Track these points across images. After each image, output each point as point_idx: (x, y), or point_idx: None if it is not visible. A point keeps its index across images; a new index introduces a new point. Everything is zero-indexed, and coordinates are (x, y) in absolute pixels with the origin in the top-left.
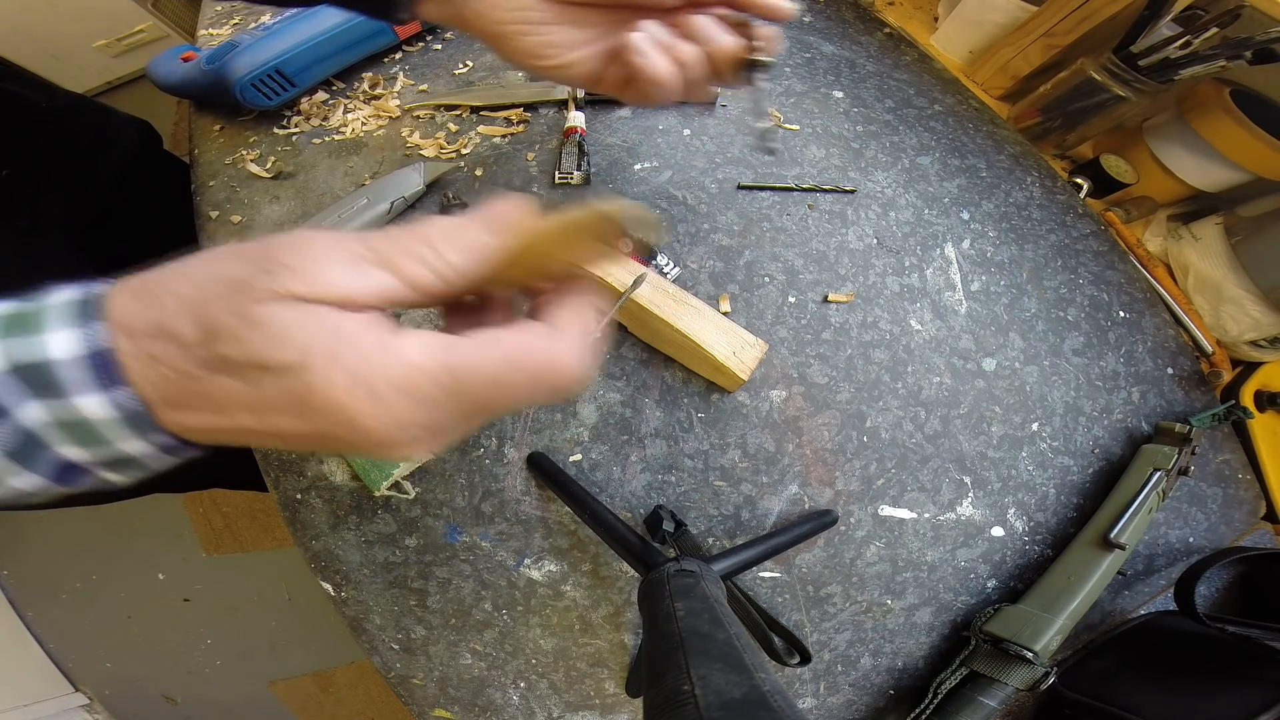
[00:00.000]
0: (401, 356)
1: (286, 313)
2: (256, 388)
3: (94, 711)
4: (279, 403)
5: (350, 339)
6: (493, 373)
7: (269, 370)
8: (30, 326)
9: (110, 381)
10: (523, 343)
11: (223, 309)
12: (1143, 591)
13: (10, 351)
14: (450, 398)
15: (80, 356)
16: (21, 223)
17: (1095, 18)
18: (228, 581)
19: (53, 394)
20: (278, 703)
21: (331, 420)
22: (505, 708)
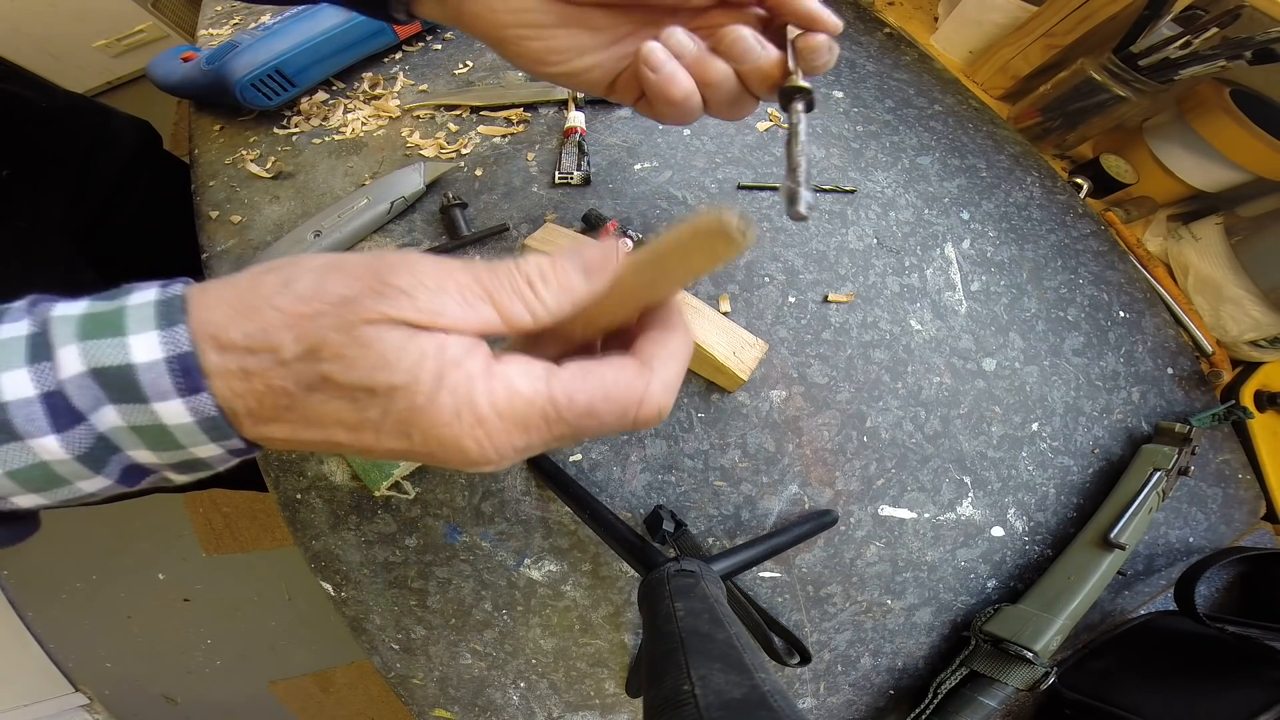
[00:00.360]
0: (508, 384)
1: (395, 335)
2: (358, 408)
3: (94, 711)
4: (380, 423)
5: (457, 364)
6: (588, 404)
7: (375, 393)
8: (111, 328)
9: (192, 388)
10: (620, 379)
11: (329, 326)
12: (1143, 591)
13: (90, 354)
14: (548, 425)
15: (162, 360)
16: (21, 223)
17: (1095, 18)
18: (228, 581)
19: (132, 398)
20: (278, 703)
21: (434, 443)
22: (505, 708)
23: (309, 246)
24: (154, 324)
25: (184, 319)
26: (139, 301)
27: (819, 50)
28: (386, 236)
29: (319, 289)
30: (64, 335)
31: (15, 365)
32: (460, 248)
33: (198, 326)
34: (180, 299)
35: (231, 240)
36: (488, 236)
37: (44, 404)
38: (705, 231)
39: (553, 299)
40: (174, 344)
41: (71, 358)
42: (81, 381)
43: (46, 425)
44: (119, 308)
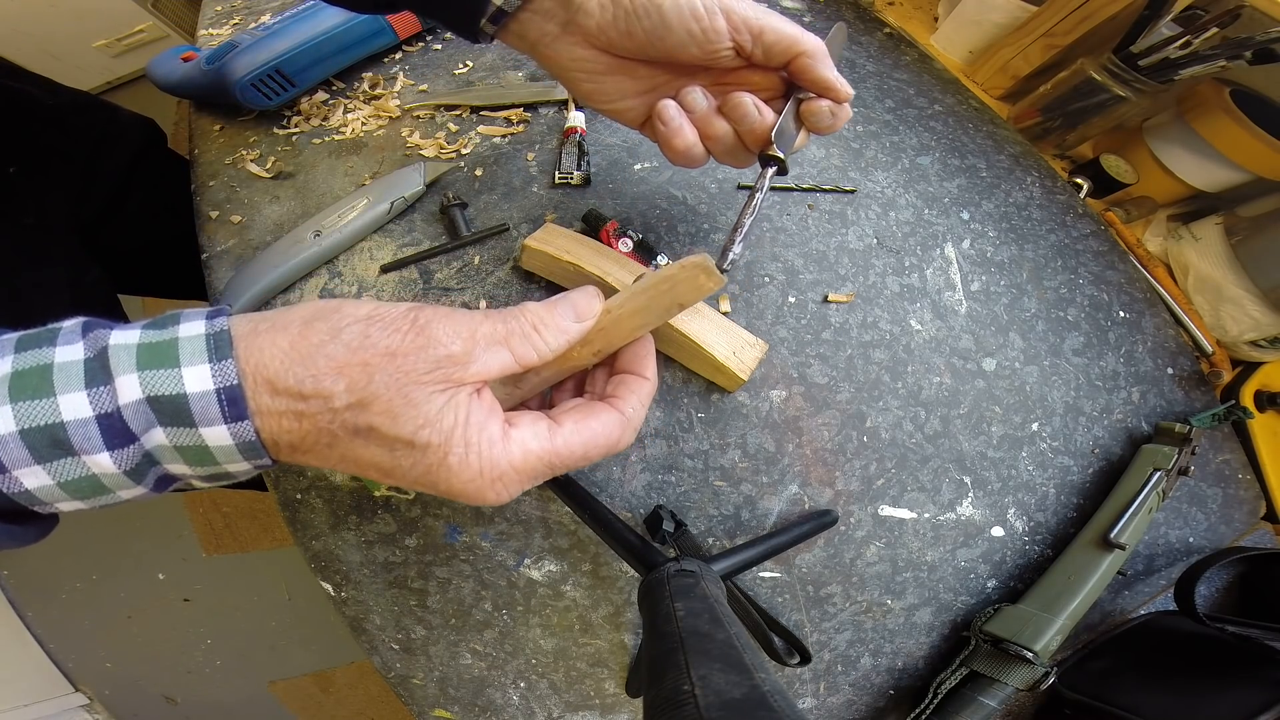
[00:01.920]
0: (523, 446)
1: (440, 398)
2: (394, 455)
3: (94, 711)
4: (411, 470)
5: (482, 429)
6: (583, 451)
7: (414, 446)
8: (166, 359)
9: (237, 416)
10: (605, 430)
11: (384, 384)
12: (1143, 591)
13: (148, 383)
14: (551, 470)
15: (213, 392)
16: (27, 219)
17: (1095, 18)
18: (228, 581)
19: (182, 423)
20: (278, 703)
21: (457, 492)
22: (505, 708)
23: (309, 247)
24: (205, 357)
25: (231, 353)
26: (189, 334)
27: (820, 115)
28: (386, 236)
29: (365, 339)
30: (123, 364)
31: (74, 388)
32: (460, 248)
33: (251, 368)
34: (227, 334)
35: (231, 240)
36: (488, 236)
37: (99, 424)
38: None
39: (553, 339)
40: (224, 377)
41: (130, 385)
42: (138, 407)
43: (100, 443)
44: (172, 339)
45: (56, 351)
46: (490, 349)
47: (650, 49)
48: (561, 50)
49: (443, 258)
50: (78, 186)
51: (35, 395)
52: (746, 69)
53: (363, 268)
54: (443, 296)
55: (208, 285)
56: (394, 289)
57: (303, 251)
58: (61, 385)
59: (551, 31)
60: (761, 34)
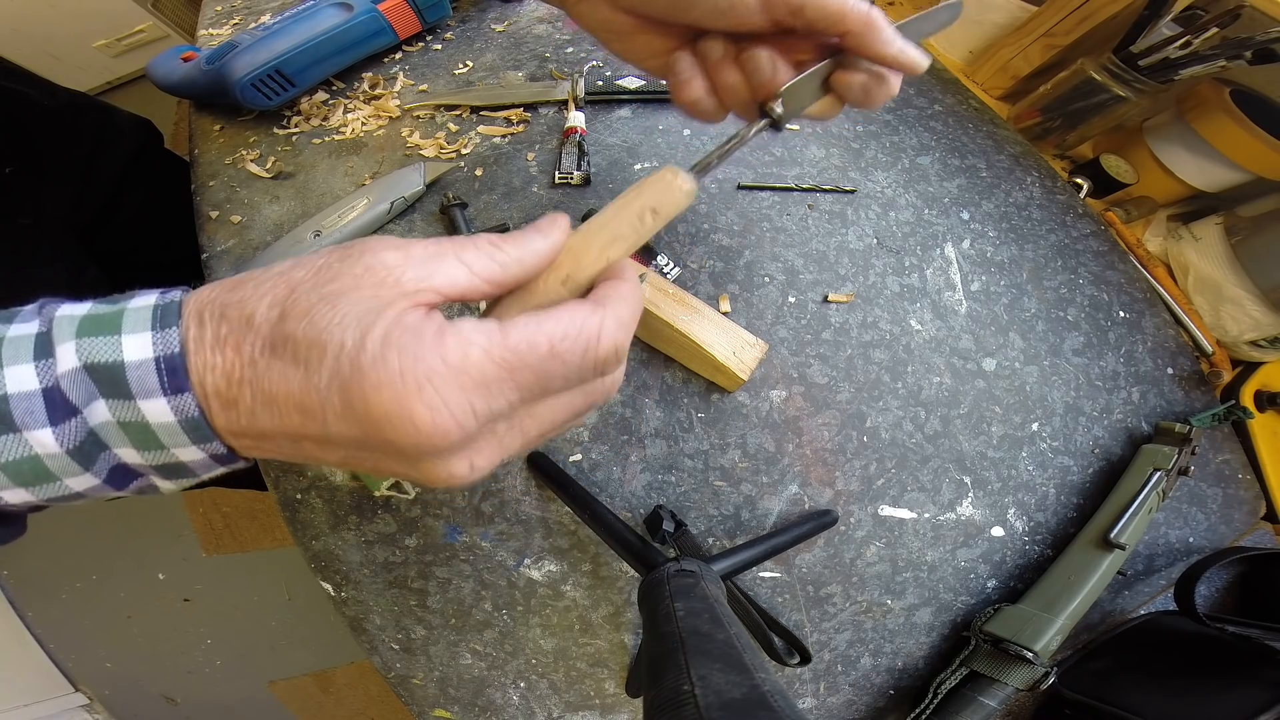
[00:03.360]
0: (460, 336)
1: (359, 295)
2: (308, 374)
3: (94, 711)
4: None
5: (409, 326)
6: (549, 346)
7: (326, 350)
8: (108, 327)
9: (176, 387)
10: (575, 317)
11: (305, 291)
12: (1143, 591)
13: (85, 350)
14: (512, 376)
15: (151, 360)
16: (24, 220)
17: (1095, 18)
18: (228, 581)
19: (120, 394)
20: (278, 703)
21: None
22: (505, 708)
23: (309, 247)
24: (149, 325)
25: (177, 322)
26: (139, 304)
27: (849, 87)
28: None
29: (298, 263)
30: (64, 333)
31: (22, 360)
32: None
33: (187, 313)
34: (177, 304)
35: (231, 240)
36: None
37: (43, 398)
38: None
39: (514, 250)
40: (166, 345)
41: (68, 354)
42: (76, 376)
43: (43, 418)
44: (120, 310)
45: (10, 328)
46: (433, 258)
47: (676, 16)
48: (589, 10)
49: None
50: (75, 187)
51: None
52: (788, 36)
53: None
54: None
55: None
56: None
57: (303, 251)
58: (9, 358)
59: None
60: (802, 9)
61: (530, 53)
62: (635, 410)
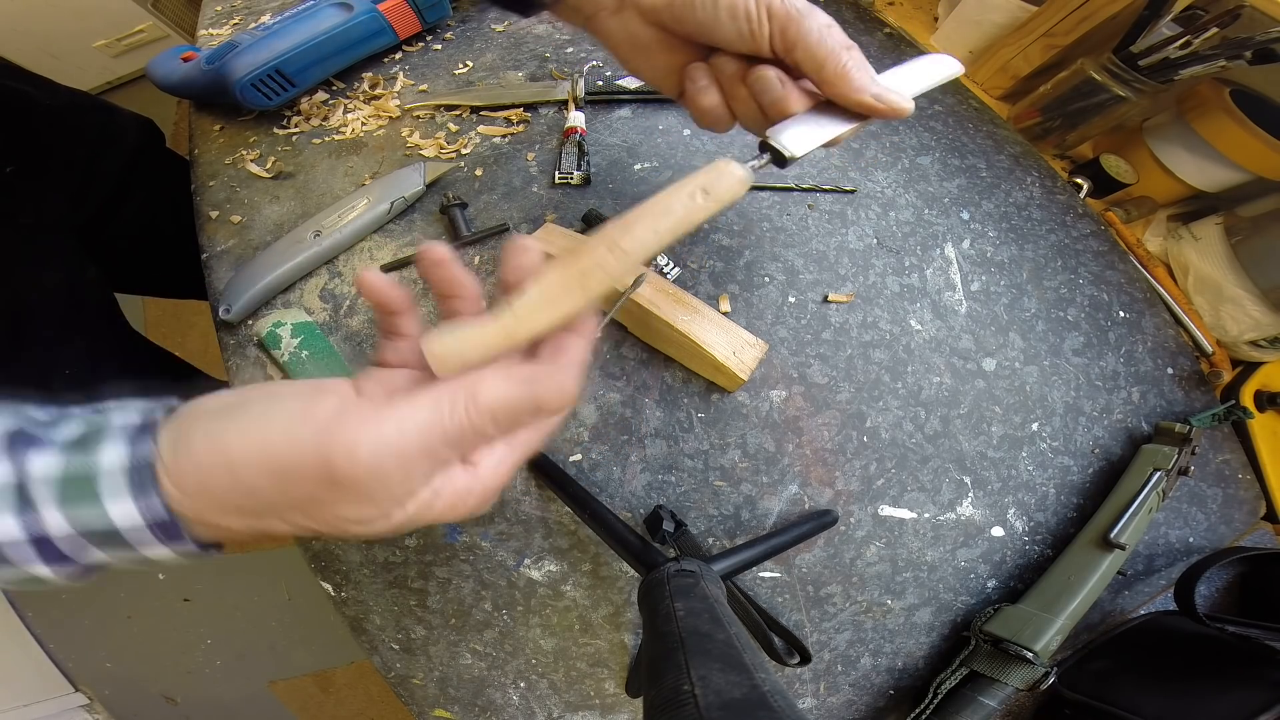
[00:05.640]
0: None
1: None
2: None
3: (94, 711)
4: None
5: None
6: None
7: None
8: (87, 496)
9: (175, 537)
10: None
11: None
12: (1143, 591)
13: (75, 519)
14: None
15: (143, 525)
16: (24, 219)
17: (1095, 18)
18: (228, 581)
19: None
20: (278, 703)
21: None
22: (505, 708)
23: (309, 246)
24: (128, 494)
25: (155, 488)
26: (109, 465)
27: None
28: (386, 236)
29: (284, 492)
30: (46, 499)
31: (5, 513)
32: (460, 248)
33: (199, 510)
34: (149, 467)
35: (231, 240)
36: (488, 236)
37: (33, 546)
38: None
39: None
40: (151, 512)
41: (58, 521)
42: (72, 539)
43: (37, 559)
44: (90, 474)
45: None
46: (433, 466)
47: (700, 37)
48: (614, 25)
49: None
50: (76, 186)
51: None
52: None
53: (363, 268)
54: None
55: (208, 285)
56: None
57: (303, 251)
58: None
59: (608, 6)
60: (793, 50)
61: (530, 53)
62: (635, 410)
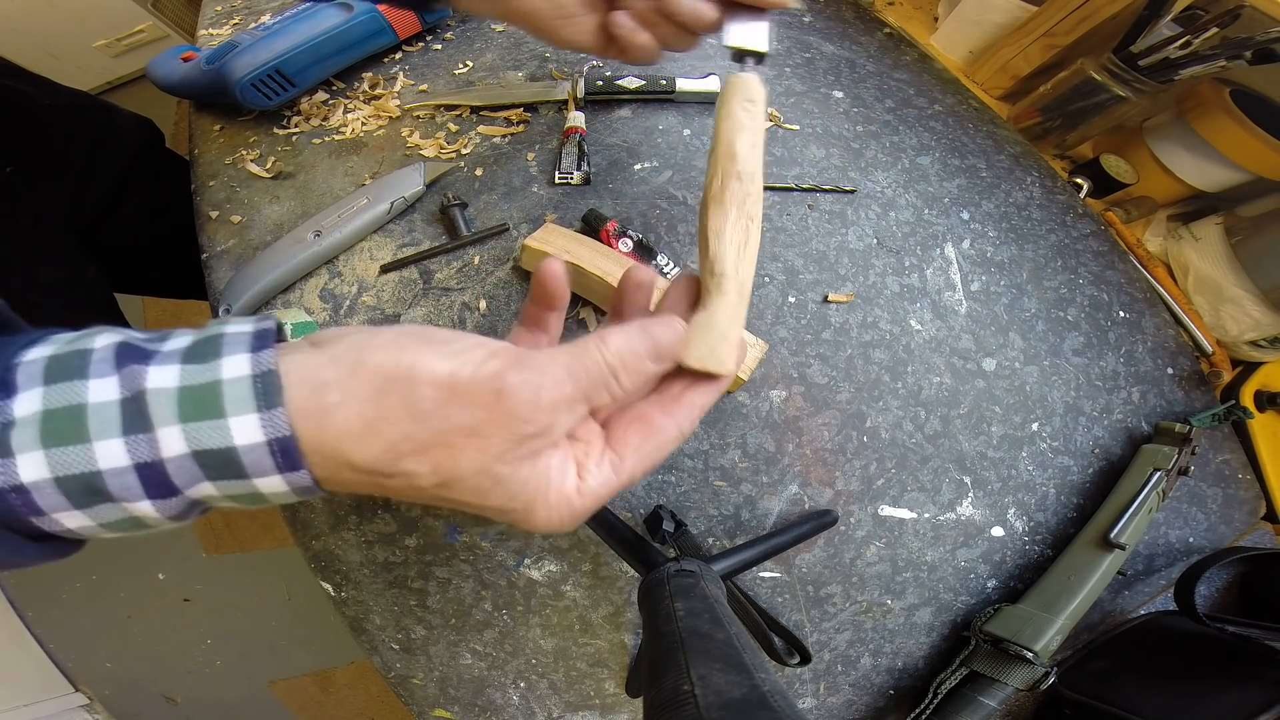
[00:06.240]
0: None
1: (524, 470)
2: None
3: (94, 711)
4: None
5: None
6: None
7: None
8: (210, 409)
9: (292, 466)
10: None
11: (469, 466)
12: (1143, 591)
13: (193, 437)
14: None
15: (263, 443)
16: (24, 219)
17: (1095, 18)
18: (228, 581)
19: (232, 475)
20: (278, 703)
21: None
22: (505, 708)
23: (309, 246)
24: (253, 405)
25: (281, 401)
26: (233, 375)
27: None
28: (386, 236)
29: (446, 419)
30: (163, 414)
31: (110, 434)
32: (460, 248)
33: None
34: (275, 376)
35: (231, 240)
36: (488, 236)
37: (138, 474)
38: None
39: (631, 383)
40: (274, 428)
41: (174, 439)
42: (183, 462)
43: (141, 492)
44: (214, 383)
45: (89, 388)
46: (572, 409)
47: None
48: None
49: (443, 258)
50: (75, 186)
51: (69, 440)
52: None
53: (363, 268)
54: (443, 296)
55: (208, 285)
56: (394, 289)
57: (303, 251)
58: (97, 430)
59: None
60: None
61: (530, 53)
62: None
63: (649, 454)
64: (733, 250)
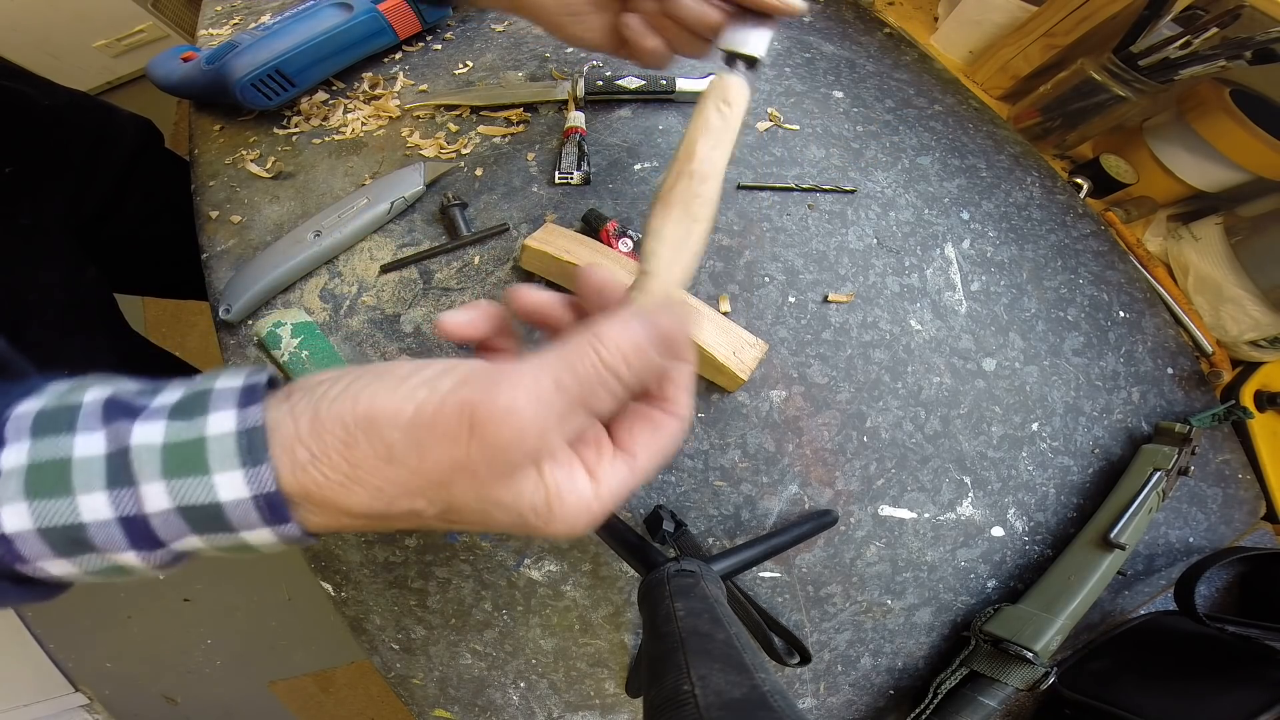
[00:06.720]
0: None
1: (526, 486)
2: (485, 524)
3: (94, 711)
4: (504, 529)
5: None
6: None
7: (512, 527)
8: (194, 466)
9: (279, 519)
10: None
11: (465, 497)
12: (1143, 591)
13: (177, 493)
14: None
15: (249, 499)
16: (23, 220)
17: (1095, 18)
18: (228, 581)
19: (219, 529)
20: (278, 703)
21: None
22: (505, 708)
23: (309, 246)
24: (238, 462)
25: (266, 457)
26: (218, 432)
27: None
28: (386, 236)
29: (422, 458)
30: (147, 470)
31: (94, 488)
32: (460, 248)
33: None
34: (260, 432)
35: (231, 240)
36: (488, 236)
37: (122, 526)
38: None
39: (635, 381)
40: (259, 484)
41: (158, 494)
42: (167, 517)
43: (125, 544)
44: (199, 439)
45: (75, 443)
46: (565, 421)
47: None
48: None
49: (443, 258)
50: (75, 187)
51: (53, 493)
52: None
53: (363, 268)
54: (443, 297)
55: (208, 285)
56: (394, 289)
57: (303, 251)
58: (81, 484)
59: None
60: None
61: (530, 53)
62: None
63: (660, 446)
64: (667, 250)
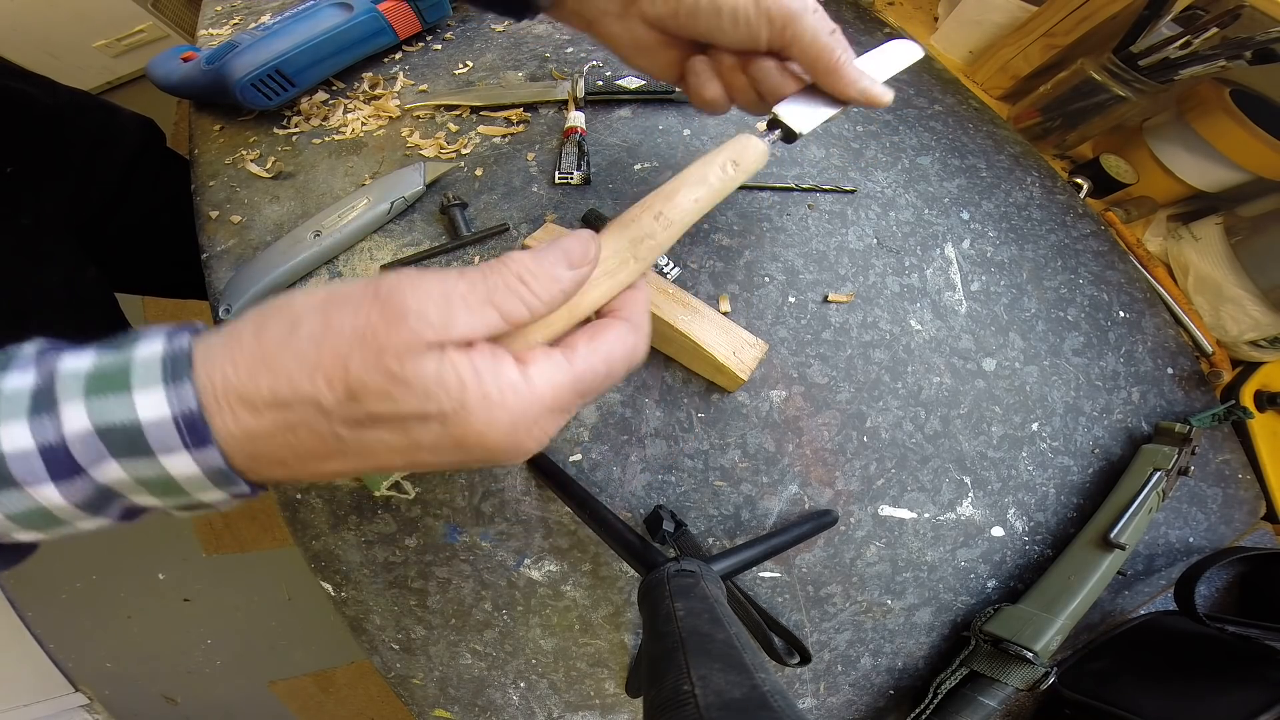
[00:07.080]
0: (547, 381)
1: (429, 363)
2: (409, 435)
3: (94, 711)
4: (437, 444)
5: (497, 376)
6: (606, 369)
7: (428, 418)
8: (116, 384)
9: (199, 442)
10: (621, 340)
11: (363, 368)
12: (1143, 591)
13: (96, 411)
14: (580, 396)
15: (170, 418)
16: (24, 220)
17: (1095, 18)
18: (228, 581)
19: (138, 453)
20: (278, 703)
21: (493, 451)
22: (505, 708)
23: (309, 246)
24: (160, 380)
25: (189, 374)
26: (145, 355)
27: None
28: (386, 236)
29: (327, 327)
30: (70, 391)
31: (15, 417)
32: (460, 248)
33: (217, 388)
34: (186, 354)
35: (231, 240)
36: (488, 236)
37: (42, 457)
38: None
39: (544, 291)
40: (181, 402)
41: (77, 414)
42: (86, 439)
43: (44, 475)
44: (125, 361)
45: (6, 378)
46: (472, 309)
47: (702, 39)
48: (618, 29)
49: (443, 258)
50: (76, 186)
51: None
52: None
53: (363, 268)
54: None
55: (208, 285)
56: None
57: (303, 251)
58: (4, 414)
59: (612, 11)
60: (790, 48)
61: (530, 53)
62: (635, 410)
63: (606, 344)
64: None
